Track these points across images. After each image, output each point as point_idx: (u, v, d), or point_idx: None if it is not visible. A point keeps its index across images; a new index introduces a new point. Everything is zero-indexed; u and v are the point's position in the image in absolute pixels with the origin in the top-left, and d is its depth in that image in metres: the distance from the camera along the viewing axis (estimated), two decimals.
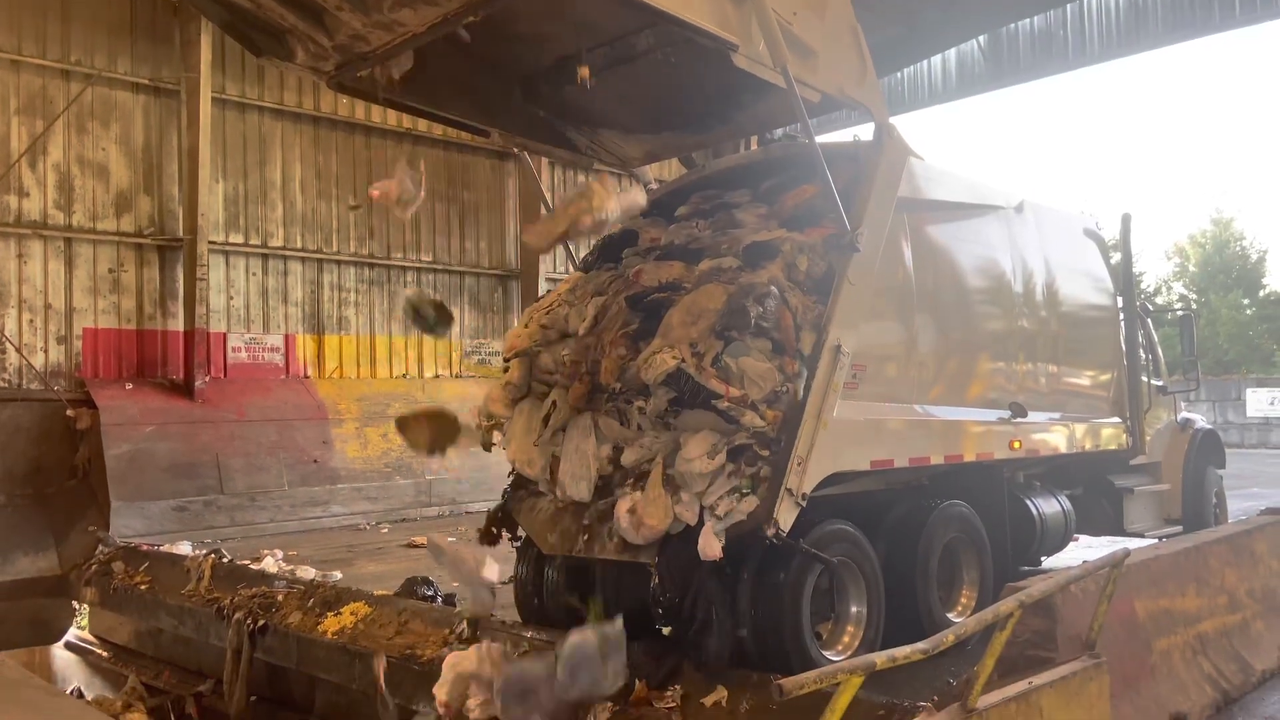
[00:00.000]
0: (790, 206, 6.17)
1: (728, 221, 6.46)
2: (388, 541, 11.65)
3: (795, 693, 3.01)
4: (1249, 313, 43.31)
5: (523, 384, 6.33)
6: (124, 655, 9.22)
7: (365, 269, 15.19)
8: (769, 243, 5.75)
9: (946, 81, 19.45)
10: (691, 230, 6.61)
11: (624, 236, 6.91)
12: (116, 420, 11.81)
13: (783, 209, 6.22)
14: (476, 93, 6.62)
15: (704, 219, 6.71)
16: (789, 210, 6.15)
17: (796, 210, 6.08)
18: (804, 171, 6.06)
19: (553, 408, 6.04)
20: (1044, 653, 4.52)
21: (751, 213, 6.40)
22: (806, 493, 5.19)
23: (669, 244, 6.58)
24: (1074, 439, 8.10)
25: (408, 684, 5.89)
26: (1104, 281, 8.98)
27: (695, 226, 6.65)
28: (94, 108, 12.54)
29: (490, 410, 6.45)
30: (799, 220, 5.96)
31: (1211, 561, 6.28)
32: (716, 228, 6.48)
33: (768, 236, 5.85)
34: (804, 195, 6.10)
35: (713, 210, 6.71)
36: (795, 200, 6.17)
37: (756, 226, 6.18)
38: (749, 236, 5.97)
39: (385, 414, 14.43)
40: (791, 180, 6.35)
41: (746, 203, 6.56)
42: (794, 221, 5.96)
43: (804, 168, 6.02)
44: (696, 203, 6.94)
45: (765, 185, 6.60)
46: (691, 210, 6.89)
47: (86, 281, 12.44)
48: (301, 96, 14.38)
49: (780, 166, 6.75)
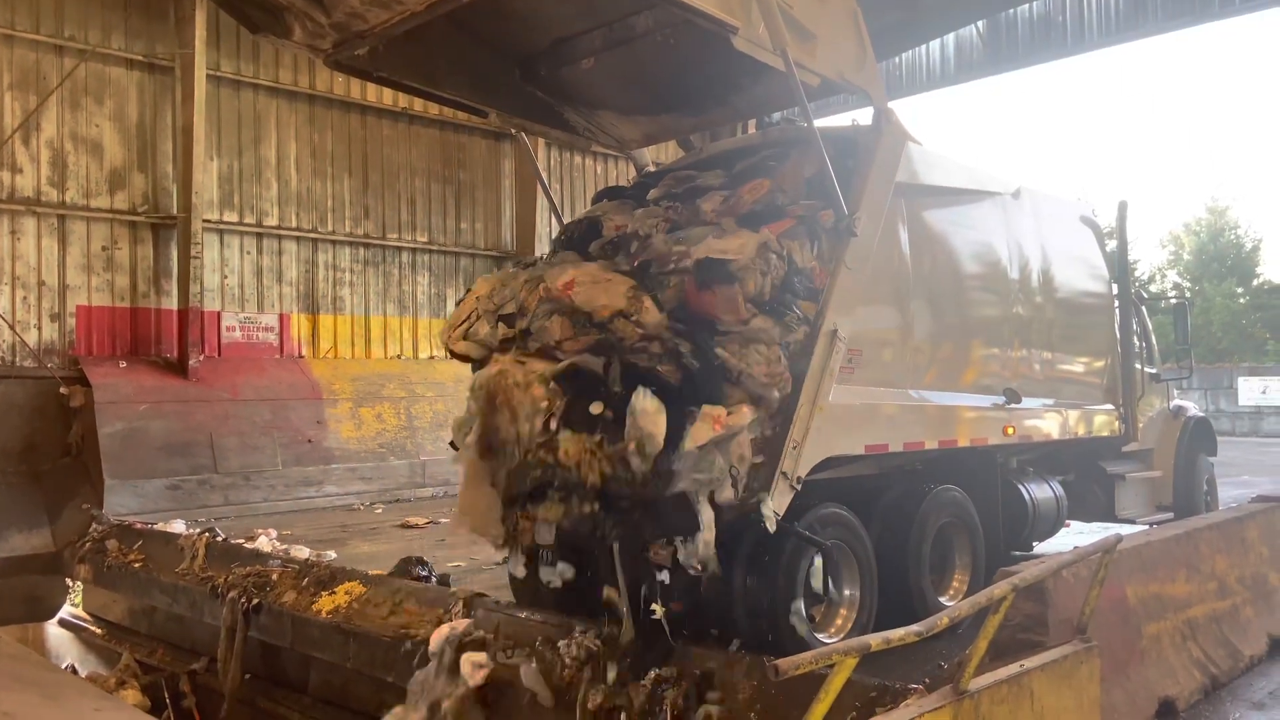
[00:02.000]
0: (748, 201, 5.90)
1: (691, 217, 6.03)
2: (382, 522, 11.67)
3: (790, 673, 3.03)
4: (1242, 301, 43.43)
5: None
6: (118, 632, 9.25)
7: (360, 249, 15.15)
8: (721, 263, 5.29)
9: (945, 66, 19.39)
10: (656, 220, 6.17)
11: (588, 227, 6.52)
12: (110, 398, 11.79)
13: (739, 204, 5.94)
14: (474, 72, 6.59)
15: (675, 201, 6.36)
16: (746, 205, 5.88)
17: (755, 205, 5.83)
18: (798, 152, 6.02)
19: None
20: (1035, 636, 4.56)
21: (713, 202, 6.09)
22: (801, 476, 5.22)
23: (622, 236, 6.13)
24: (1067, 425, 8.13)
25: (401, 663, 5.92)
26: (1099, 269, 9.00)
27: (664, 211, 6.27)
28: (88, 84, 12.46)
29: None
30: (756, 217, 5.67)
31: (1202, 548, 6.33)
32: (680, 220, 6.04)
33: (720, 250, 5.35)
34: (760, 190, 5.93)
35: (684, 193, 6.41)
36: (753, 195, 5.93)
37: (712, 222, 5.86)
38: (702, 243, 5.49)
39: (380, 394, 14.45)
40: (763, 163, 6.21)
41: (715, 188, 6.28)
42: (751, 218, 5.66)
43: (800, 150, 6.01)
44: (669, 184, 6.66)
45: (740, 165, 6.44)
46: (663, 192, 6.62)
47: (80, 259, 12.39)
48: (297, 74, 14.30)
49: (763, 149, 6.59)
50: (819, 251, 5.57)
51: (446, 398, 15.05)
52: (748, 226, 5.49)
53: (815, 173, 5.82)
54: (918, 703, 3.71)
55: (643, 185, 6.88)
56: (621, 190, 6.99)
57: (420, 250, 15.88)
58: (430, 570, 7.41)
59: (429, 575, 7.30)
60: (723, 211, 5.91)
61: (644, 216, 6.28)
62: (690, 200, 6.22)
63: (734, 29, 5.08)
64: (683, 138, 7.99)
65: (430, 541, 10.07)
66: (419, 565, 7.42)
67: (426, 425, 14.65)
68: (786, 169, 6.08)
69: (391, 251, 15.53)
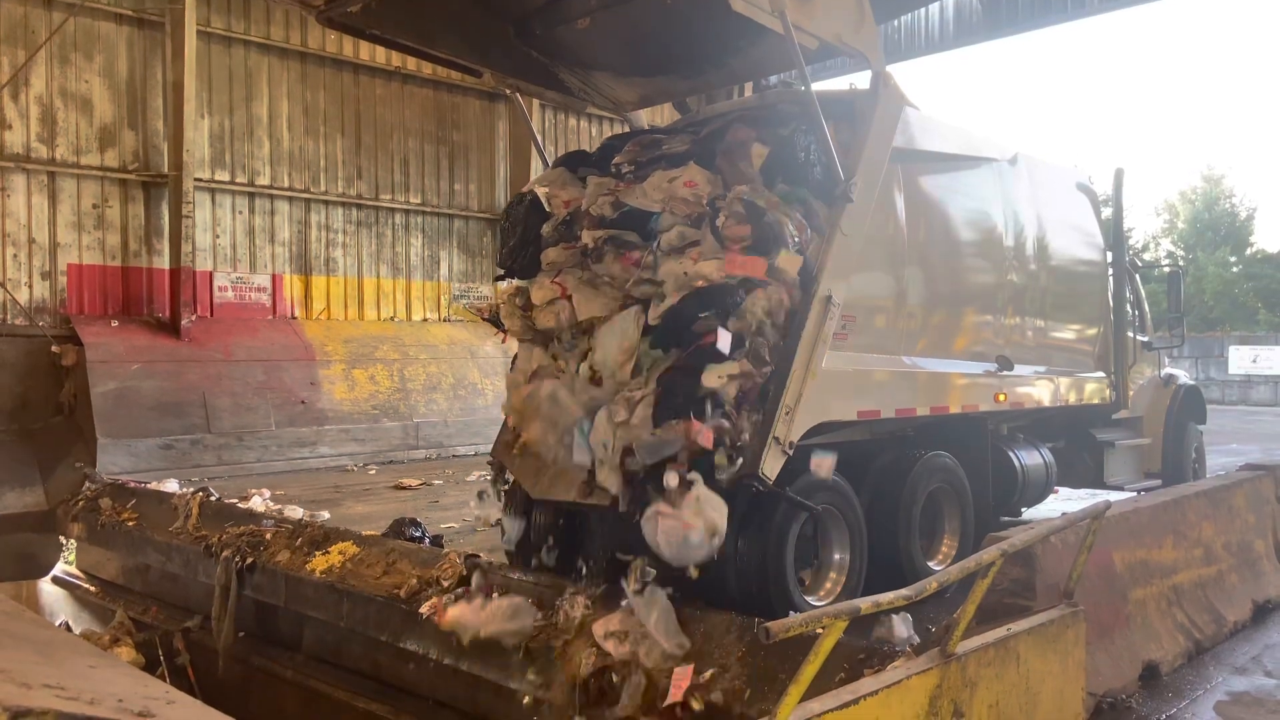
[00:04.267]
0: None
1: (646, 194, 5.88)
2: (375, 483, 11.71)
3: (781, 636, 3.06)
4: (1235, 270, 43.53)
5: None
6: (111, 590, 9.28)
7: (353, 209, 15.06)
8: (718, 292, 5.32)
9: (944, 31, 19.21)
10: (607, 196, 6.05)
11: (532, 207, 6.38)
12: (102, 357, 11.76)
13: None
14: (469, 31, 6.51)
15: (635, 174, 6.15)
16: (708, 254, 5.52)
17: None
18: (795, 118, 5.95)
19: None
20: (1023, 601, 4.61)
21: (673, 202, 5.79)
22: (794, 442, 5.24)
23: (574, 214, 6.16)
24: (1058, 393, 8.16)
25: (394, 622, 5.97)
26: (1094, 237, 8.98)
27: (614, 185, 6.10)
28: (77, 39, 12.29)
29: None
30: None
31: (1189, 515, 6.38)
32: (634, 202, 5.91)
33: (702, 275, 5.34)
34: (694, 185, 5.71)
35: (648, 163, 6.17)
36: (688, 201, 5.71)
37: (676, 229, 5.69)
38: (668, 265, 5.53)
39: (373, 356, 14.44)
40: (726, 128, 6.03)
41: (681, 154, 6.04)
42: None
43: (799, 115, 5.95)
44: (633, 151, 6.39)
45: (705, 131, 6.25)
46: (627, 159, 6.36)
47: (70, 217, 12.30)
48: (289, 31, 14.12)
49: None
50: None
51: (440, 360, 15.07)
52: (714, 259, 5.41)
53: (772, 159, 5.63)
54: (905, 665, 3.75)
55: (609, 148, 6.71)
56: (585, 156, 6.87)
57: (413, 212, 15.79)
58: (423, 531, 7.45)
59: (422, 536, 7.35)
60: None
61: (595, 191, 6.15)
62: (651, 169, 6.05)
63: None
64: (679, 100, 7.91)
65: (423, 503, 10.12)
66: (412, 526, 7.47)
67: (420, 387, 14.66)
68: (731, 150, 5.82)
69: (385, 213, 15.44)
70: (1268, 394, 31.42)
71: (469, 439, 14.44)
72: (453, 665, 5.58)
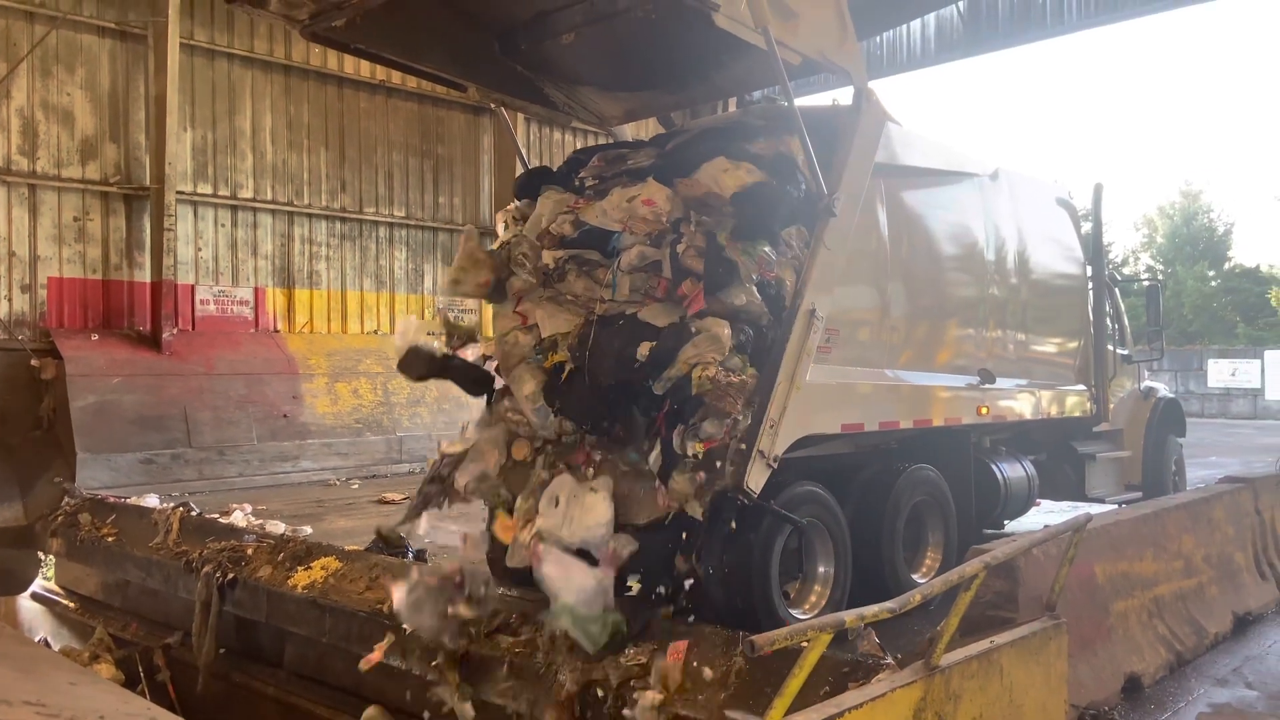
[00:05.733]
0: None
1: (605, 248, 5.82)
2: (358, 497, 11.64)
3: (766, 649, 3.07)
4: (1214, 284, 43.97)
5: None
6: (91, 606, 9.17)
7: (337, 223, 15.02)
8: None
9: (925, 47, 19.38)
10: (570, 214, 5.99)
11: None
12: (82, 371, 11.67)
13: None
14: (453, 46, 6.52)
15: (598, 189, 6.11)
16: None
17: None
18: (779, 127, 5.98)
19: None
20: (1006, 613, 4.63)
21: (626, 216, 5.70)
22: (778, 455, 5.25)
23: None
24: (1040, 405, 8.22)
25: (377, 637, 5.93)
26: (1074, 251, 9.06)
27: (572, 201, 6.07)
28: (59, 51, 12.24)
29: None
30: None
31: (1170, 528, 6.42)
32: (592, 226, 5.85)
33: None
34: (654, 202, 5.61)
35: (612, 177, 6.12)
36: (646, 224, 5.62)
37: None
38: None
39: (356, 370, 14.38)
40: (695, 141, 6.05)
41: (646, 168, 5.99)
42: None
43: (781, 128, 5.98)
44: (598, 166, 6.34)
45: (671, 144, 6.26)
46: (592, 174, 6.32)
47: (51, 230, 12.22)
48: (273, 44, 14.11)
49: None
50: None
51: None
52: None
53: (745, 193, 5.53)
54: (890, 678, 3.75)
55: (576, 161, 6.68)
56: (548, 173, 6.86)
57: (398, 225, 15.77)
58: (407, 546, 7.40)
59: (406, 551, 7.30)
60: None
61: (554, 209, 6.09)
62: (615, 183, 6.00)
63: (715, 6, 5.05)
64: (664, 115, 7.93)
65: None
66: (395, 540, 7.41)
67: (403, 401, 14.61)
68: (700, 176, 5.68)
69: (368, 226, 15.41)
70: (1246, 407, 31.69)
71: None
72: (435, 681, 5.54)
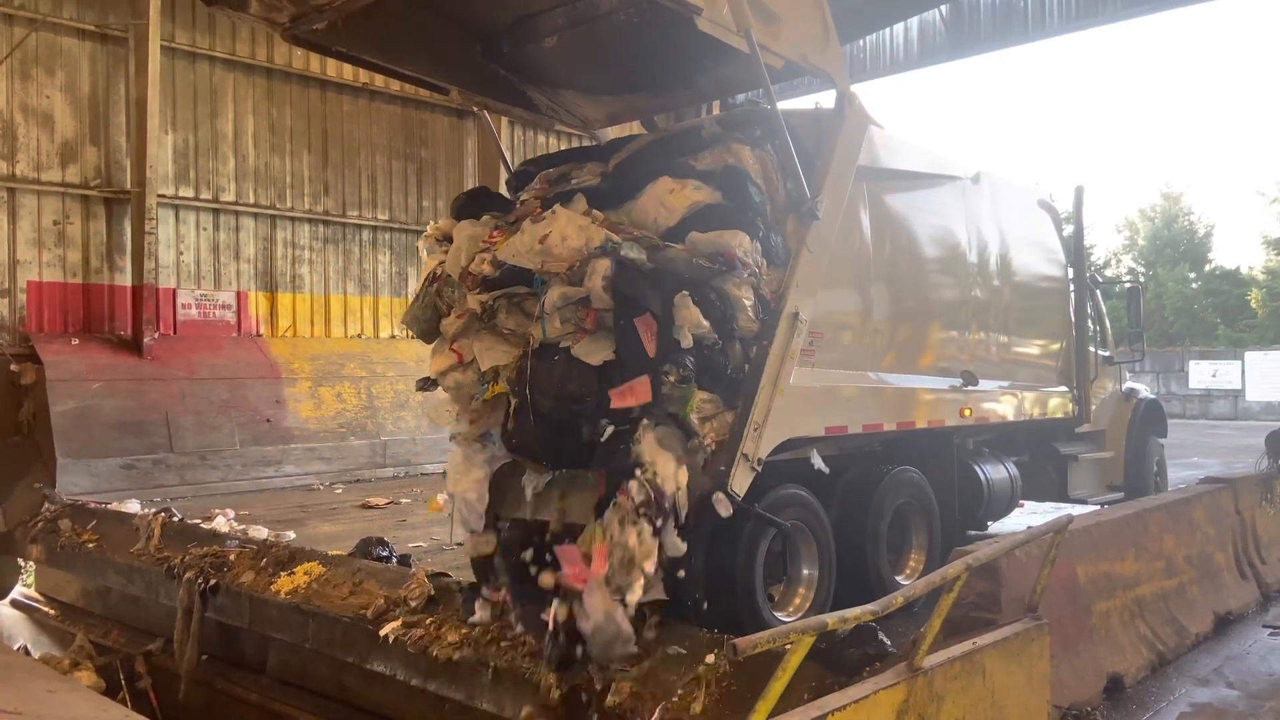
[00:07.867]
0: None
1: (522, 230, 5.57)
2: (341, 502, 11.59)
3: (749, 652, 3.06)
4: (1194, 286, 44.27)
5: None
6: (71, 613, 9.10)
7: (320, 226, 14.96)
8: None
9: (908, 50, 19.50)
10: (486, 253, 5.70)
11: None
12: (62, 376, 11.58)
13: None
14: (436, 49, 6.50)
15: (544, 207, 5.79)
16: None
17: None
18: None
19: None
20: (988, 614, 4.64)
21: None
22: (762, 458, 5.26)
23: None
24: (1022, 407, 8.26)
25: (361, 643, 5.90)
26: (1056, 253, 9.12)
27: (490, 240, 5.75)
28: (38, 54, 12.15)
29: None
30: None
31: (1151, 528, 6.46)
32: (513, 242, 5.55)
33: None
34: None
35: (555, 197, 5.89)
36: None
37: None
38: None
39: (340, 374, 14.33)
40: (637, 160, 5.97)
41: (590, 186, 5.90)
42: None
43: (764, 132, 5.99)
44: (541, 189, 6.19)
45: (615, 161, 6.18)
46: (536, 193, 6.19)
47: (30, 233, 12.12)
48: (254, 47, 14.05)
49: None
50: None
51: (408, 377, 14.91)
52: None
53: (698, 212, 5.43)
54: (873, 680, 3.76)
55: (524, 175, 6.56)
56: (488, 194, 6.69)
57: (381, 228, 15.72)
58: (391, 551, 7.37)
59: (389, 556, 7.27)
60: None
61: (470, 247, 5.86)
62: (561, 202, 5.71)
63: (697, 10, 5.05)
64: (646, 118, 7.93)
65: (391, 522, 10.03)
66: (379, 546, 7.38)
67: (387, 405, 14.56)
68: (627, 213, 5.60)
69: (352, 229, 15.36)
70: (1227, 408, 31.92)
71: (438, 456, 14.30)
72: (420, 686, 5.52)
